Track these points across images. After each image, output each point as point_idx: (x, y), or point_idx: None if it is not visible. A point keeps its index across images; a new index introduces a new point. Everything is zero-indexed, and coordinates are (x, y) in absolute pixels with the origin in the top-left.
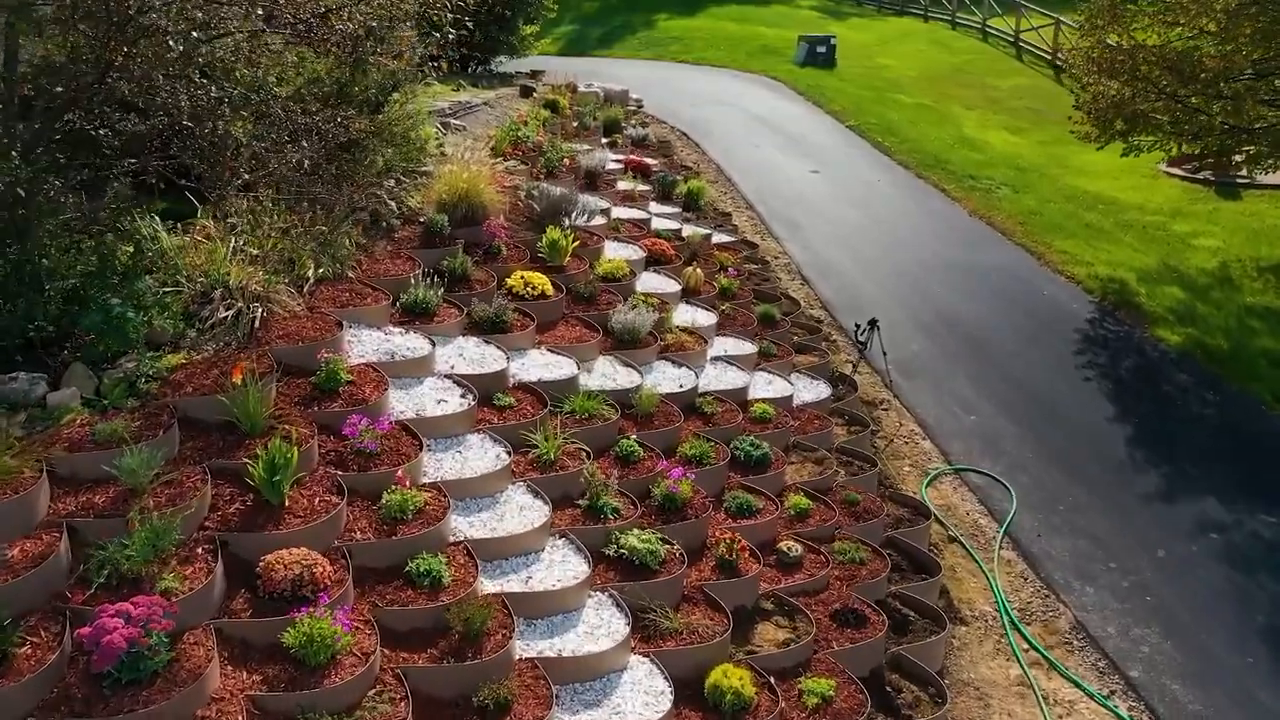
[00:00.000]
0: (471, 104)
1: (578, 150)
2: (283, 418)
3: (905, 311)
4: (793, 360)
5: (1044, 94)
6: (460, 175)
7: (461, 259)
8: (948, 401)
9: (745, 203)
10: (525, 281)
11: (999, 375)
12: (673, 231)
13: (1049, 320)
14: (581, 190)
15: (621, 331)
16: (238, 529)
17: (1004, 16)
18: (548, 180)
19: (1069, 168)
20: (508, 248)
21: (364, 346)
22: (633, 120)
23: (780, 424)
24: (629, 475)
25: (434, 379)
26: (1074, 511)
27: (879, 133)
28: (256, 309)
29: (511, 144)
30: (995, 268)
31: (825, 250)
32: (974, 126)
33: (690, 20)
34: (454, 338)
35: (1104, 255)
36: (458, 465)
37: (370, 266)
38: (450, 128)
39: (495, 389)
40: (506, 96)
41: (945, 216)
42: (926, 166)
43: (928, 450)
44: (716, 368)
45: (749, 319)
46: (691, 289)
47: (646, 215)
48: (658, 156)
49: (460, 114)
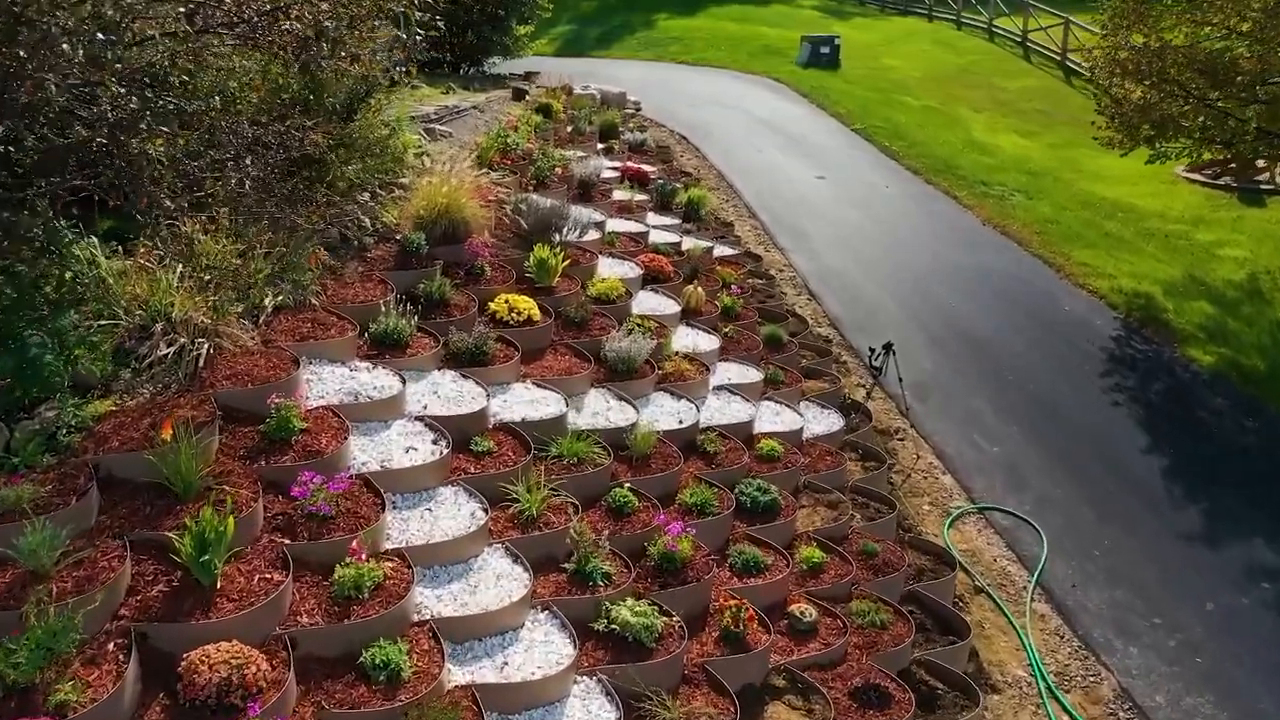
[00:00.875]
0: (460, 108)
1: (571, 158)
2: (224, 475)
3: (919, 328)
4: (801, 387)
5: (1054, 95)
6: (439, 189)
7: (439, 282)
8: (968, 429)
9: (748, 211)
10: (510, 306)
11: (1022, 399)
12: (672, 245)
13: (1072, 338)
14: (574, 201)
15: (615, 361)
16: (160, 617)
17: (1011, 16)
18: (538, 191)
19: (1083, 172)
20: (492, 267)
21: (325, 386)
22: (630, 124)
23: (789, 463)
24: (622, 530)
25: (403, 422)
26: (1111, 556)
27: (886, 136)
28: (202, 345)
29: (499, 152)
30: (1013, 280)
31: (833, 261)
32: (983, 129)
33: (690, 20)
34: (429, 372)
35: (1126, 267)
36: (426, 526)
37: (337, 292)
38: (435, 135)
39: (473, 431)
40: (498, 100)
41: (957, 225)
42: (936, 172)
43: (948, 486)
44: (719, 398)
45: (754, 342)
46: (692, 309)
47: (644, 228)
48: (656, 162)
49: (447, 119)
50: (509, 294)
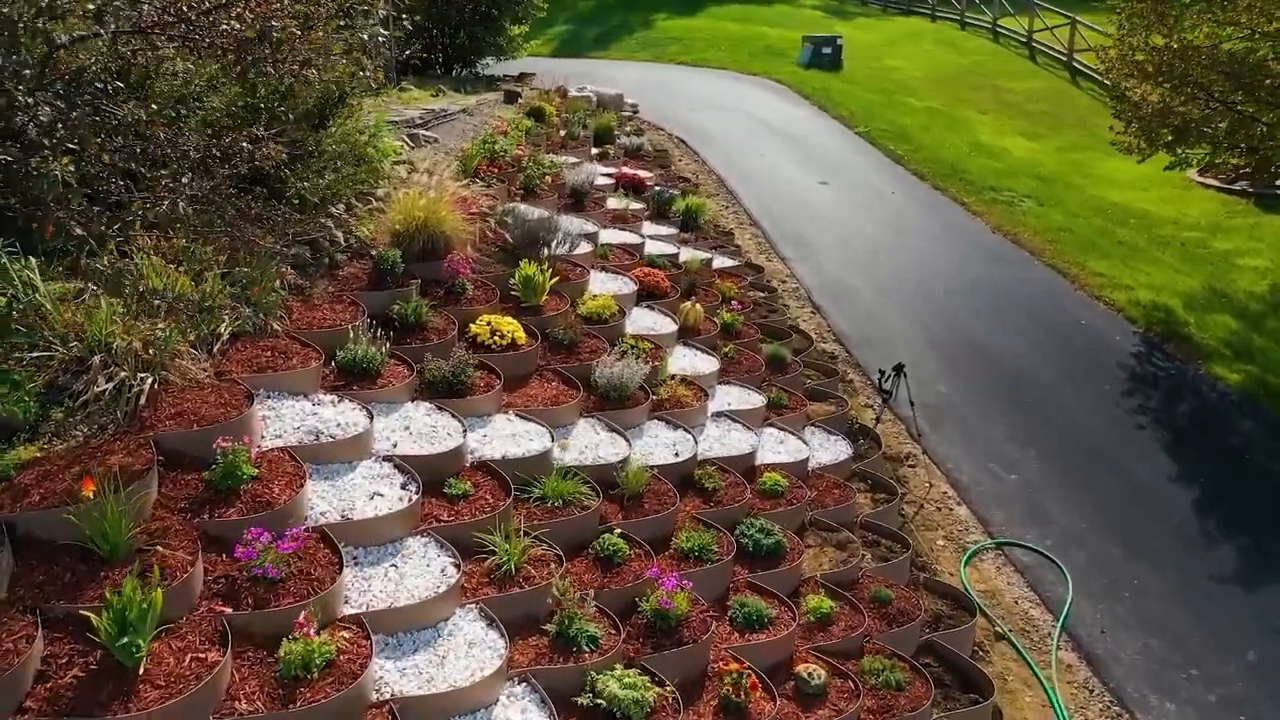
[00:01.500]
0: (447, 112)
1: (563, 164)
2: (160, 532)
3: (928, 344)
4: (806, 410)
5: (1060, 97)
6: (416, 201)
7: (415, 302)
8: (983, 456)
9: (749, 219)
10: (492, 329)
11: (1039, 422)
12: (669, 258)
13: (1090, 354)
14: (566, 211)
15: (607, 388)
16: (71, 709)
17: (1016, 16)
18: (527, 200)
19: (1093, 177)
20: (474, 286)
21: (282, 423)
22: (627, 127)
23: (794, 498)
24: (611, 583)
25: (370, 463)
26: (1141, 598)
27: (890, 139)
28: (145, 380)
29: (486, 159)
30: (1026, 292)
31: (838, 272)
32: (989, 132)
33: (690, 20)
34: (401, 404)
35: (1143, 277)
36: (390, 586)
37: (303, 315)
38: (419, 141)
39: (447, 472)
40: (489, 103)
41: (967, 233)
42: (943, 177)
43: (964, 519)
44: (719, 426)
45: (755, 362)
46: (690, 328)
47: (639, 239)
48: (653, 167)
49: (432, 124)
50: (492, 315)
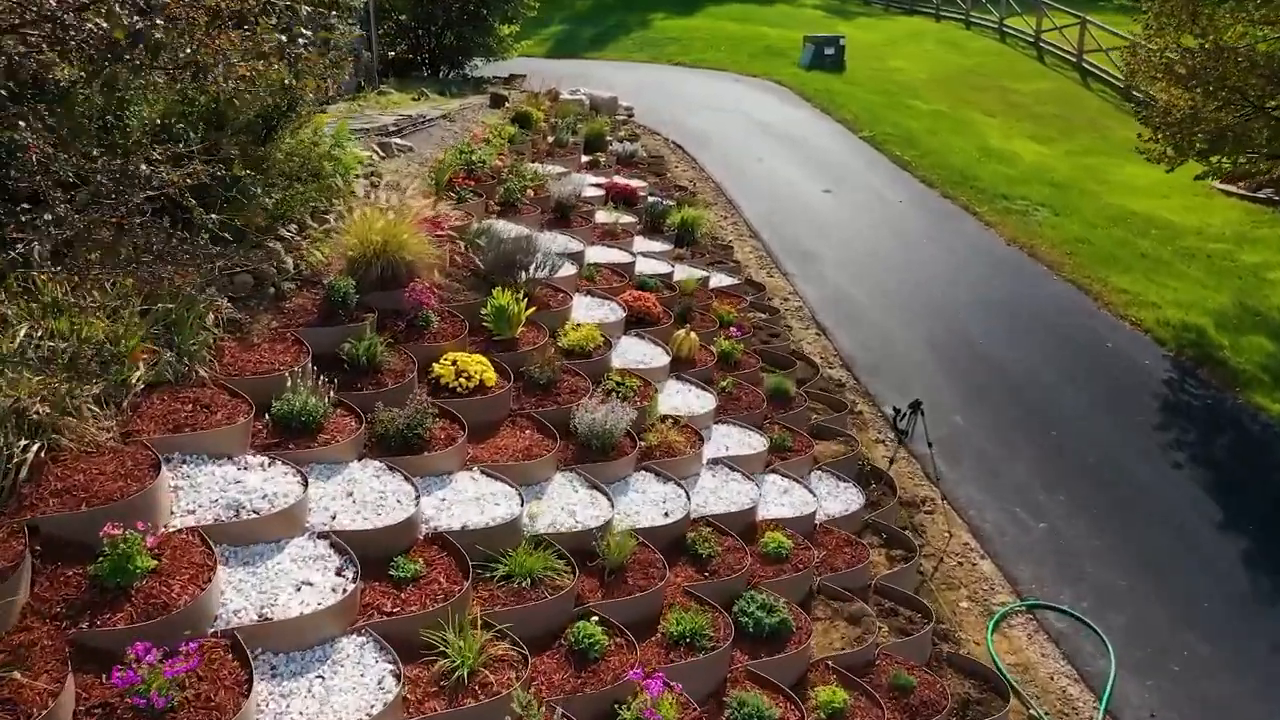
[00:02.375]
0: (426, 118)
1: (549, 175)
2: (24, 649)
3: (944, 370)
4: (813, 453)
5: (1070, 99)
6: (374, 223)
7: (369, 340)
8: (1008, 499)
9: (749, 230)
10: (458, 369)
11: (1068, 459)
12: (662, 278)
13: (1119, 381)
14: (550, 227)
15: (588, 436)
16: None
17: (1023, 15)
18: (506, 216)
19: (1108, 183)
20: (440, 318)
21: (198, 495)
22: (621, 132)
23: (801, 561)
24: (586, 685)
25: (302, 541)
26: (1193, 671)
27: (896, 144)
28: (29, 447)
29: (463, 170)
30: (1047, 311)
31: (844, 289)
32: (998, 136)
33: (688, 20)
34: (346, 464)
35: (1170, 294)
36: (314, 706)
37: (236, 357)
38: (391, 150)
39: (396, 548)
40: (473, 107)
41: (980, 245)
42: (953, 184)
43: (988, 574)
44: (715, 476)
45: (756, 398)
46: (684, 359)
47: (630, 257)
48: (648, 175)
49: (409, 130)
50: (459, 352)
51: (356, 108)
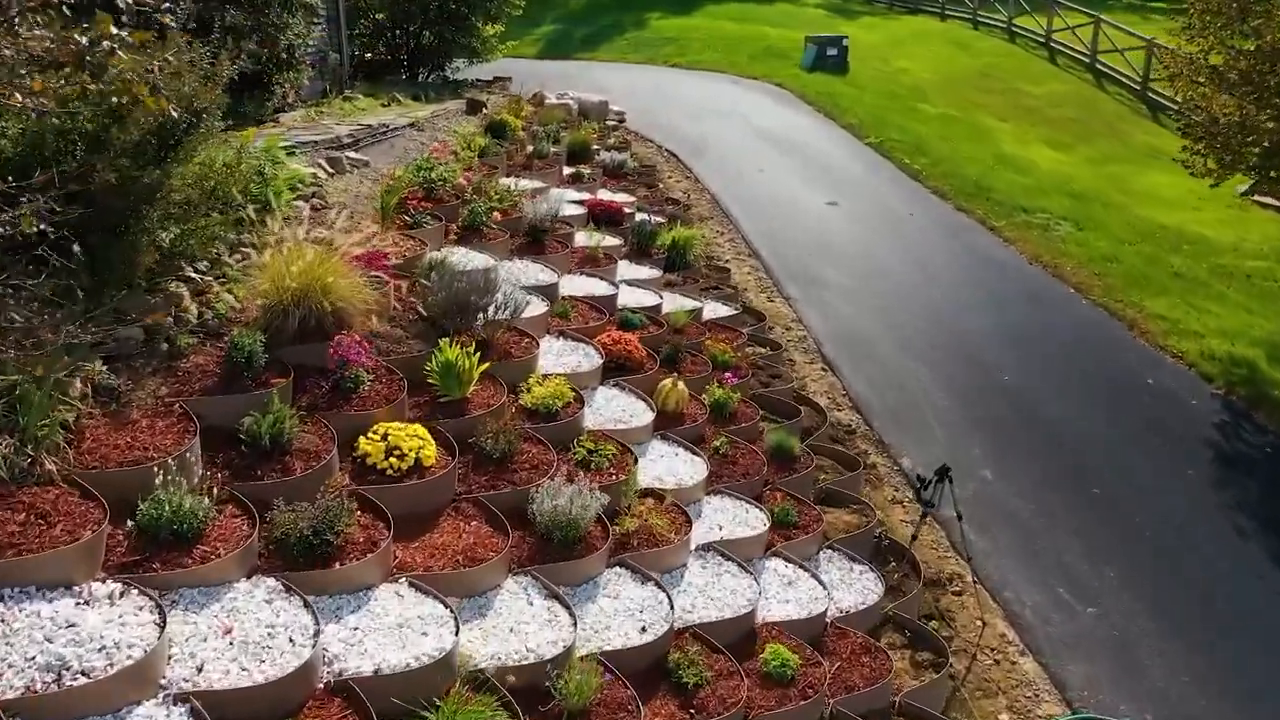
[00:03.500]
0: (390, 127)
1: (524, 192)
2: None
3: (969, 415)
4: (823, 528)
5: (1085, 102)
6: (291, 261)
7: (277, 412)
8: (1050, 575)
9: (747, 248)
10: (389, 445)
11: (1117, 525)
12: (648, 312)
13: (1165, 425)
14: (520, 254)
15: (550, 526)
16: None
17: (1033, 15)
18: (468, 244)
19: (1133, 193)
20: (375, 376)
21: (10, 649)
22: (611, 139)
23: (810, 683)
24: None
25: (153, 707)
26: None
27: (905, 151)
28: None
29: (422, 190)
30: (1078, 342)
31: (852, 317)
32: (1012, 141)
33: (685, 19)
34: (231, 585)
35: (1212, 320)
36: None
37: (101, 441)
38: (343, 166)
39: (285, 706)
40: (448, 114)
41: (1000, 265)
42: (967, 195)
43: (1031, 676)
44: (706, 568)
45: (755, 460)
46: (670, 413)
47: (611, 288)
48: (638, 187)
49: (368, 143)
50: (392, 423)
51: (314, 116)
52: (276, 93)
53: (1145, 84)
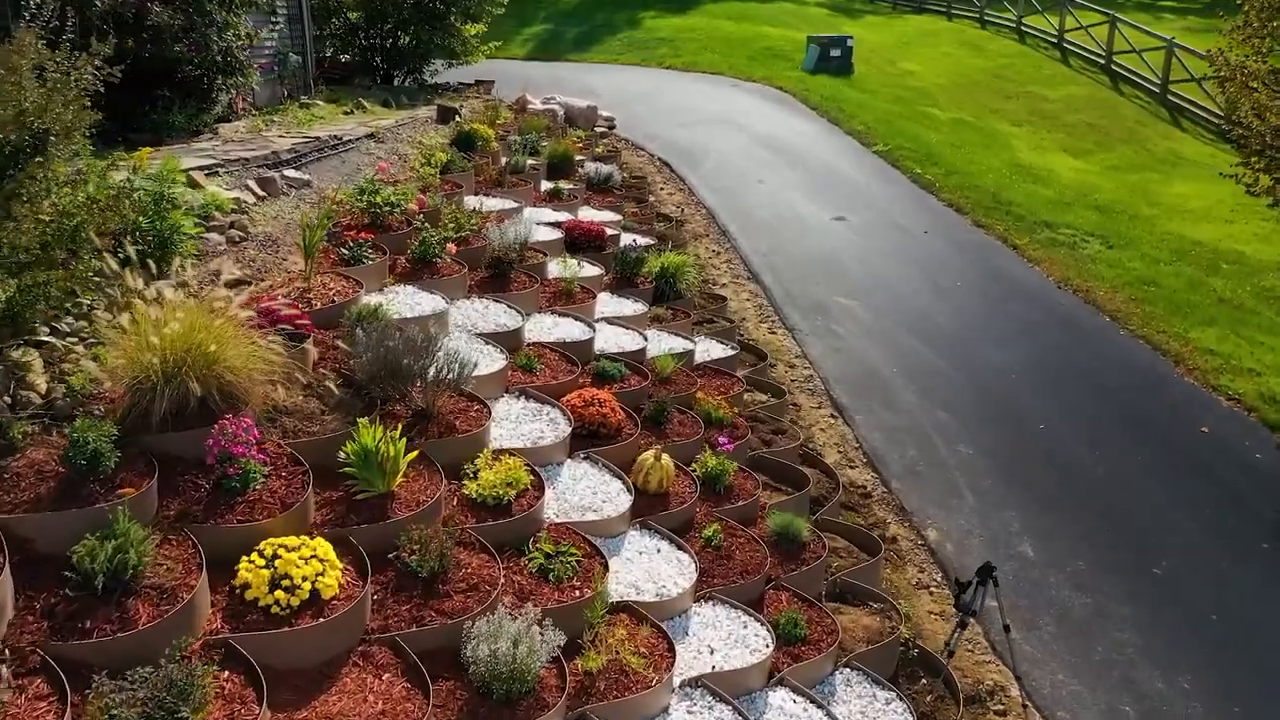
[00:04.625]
0: (343, 139)
1: (493, 212)
2: None
3: (1002, 472)
4: (837, 640)
5: (1103, 106)
6: (162, 325)
7: (123, 535)
8: (1111, 684)
9: (746, 270)
10: (276, 574)
11: (1184, 615)
12: (629, 359)
13: (1228, 486)
14: (481, 291)
15: (487, 679)
16: None
17: (1044, 14)
18: (418, 281)
19: (1161, 205)
20: (272, 469)
21: None
22: (598, 147)
23: None
24: None
25: None
26: None
27: (916, 160)
28: None
29: (367, 216)
30: (1120, 381)
31: (865, 352)
32: (1028, 149)
33: (681, 19)
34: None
35: (1267, 355)
36: None
37: None
38: (277, 188)
39: None
40: (416, 122)
41: (1027, 289)
42: (985, 209)
43: None
44: (693, 712)
45: (754, 554)
46: (652, 492)
47: (587, 331)
48: (627, 201)
49: (313, 159)
50: (288, 538)
51: (262, 126)
52: (221, 100)
53: (1165, 87)
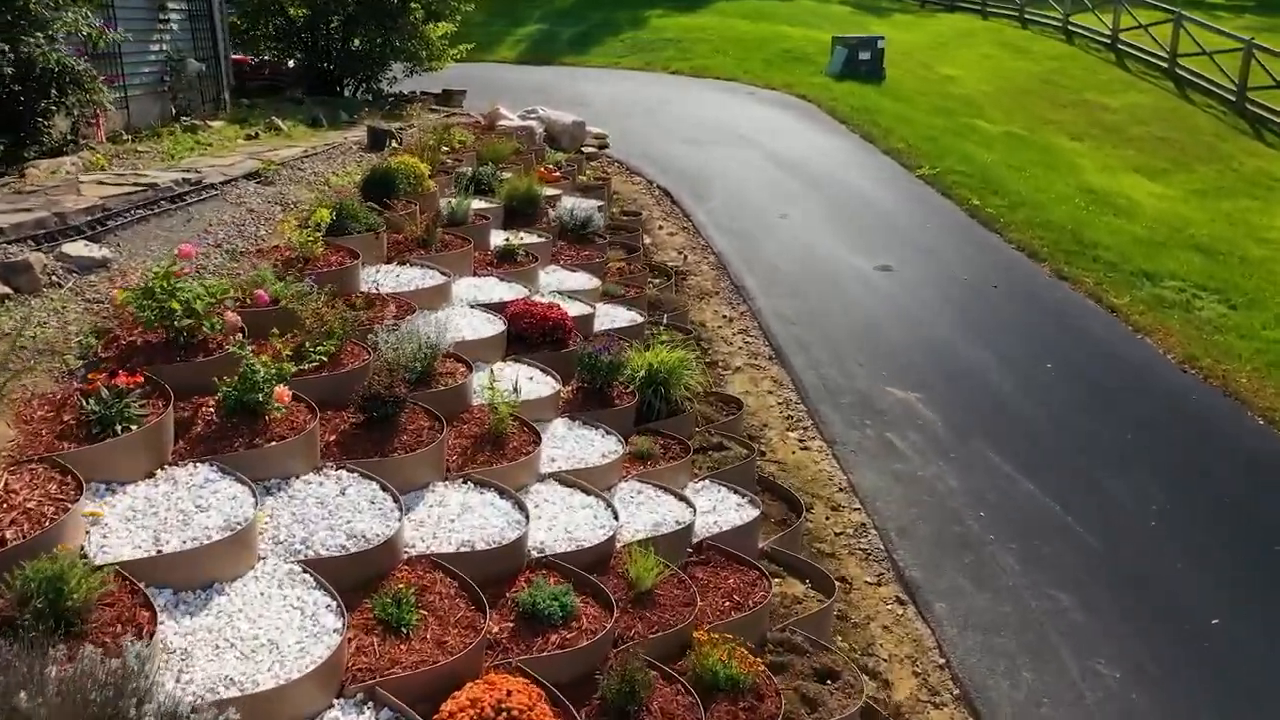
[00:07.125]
0: (204, 183)
1: (397, 295)
2: None
3: (1167, 706)
4: None
5: (1173, 117)
6: None
7: None
8: None
9: (769, 347)
10: None
11: None
12: (585, 562)
13: None
14: (339, 456)
15: None
16: None
17: (1095, 12)
18: (214, 456)
19: (1271, 243)
20: None
21: None
22: (583, 174)
23: None
24: None
25: None
26: None
27: (972, 188)
28: None
29: (165, 331)
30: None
31: (938, 481)
32: (1096, 169)
33: (691, 17)
34: None
35: None
36: None
37: None
38: (34, 283)
39: None
40: (333, 150)
41: (1141, 373)
42: (1067, 255)
43: None
44: None
45: None
46: None
47: (513, 524)
48: (613, 249)
49: (132, 219)
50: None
51: (98, 161)
52: (56, 125)
53: (1243, 94)
